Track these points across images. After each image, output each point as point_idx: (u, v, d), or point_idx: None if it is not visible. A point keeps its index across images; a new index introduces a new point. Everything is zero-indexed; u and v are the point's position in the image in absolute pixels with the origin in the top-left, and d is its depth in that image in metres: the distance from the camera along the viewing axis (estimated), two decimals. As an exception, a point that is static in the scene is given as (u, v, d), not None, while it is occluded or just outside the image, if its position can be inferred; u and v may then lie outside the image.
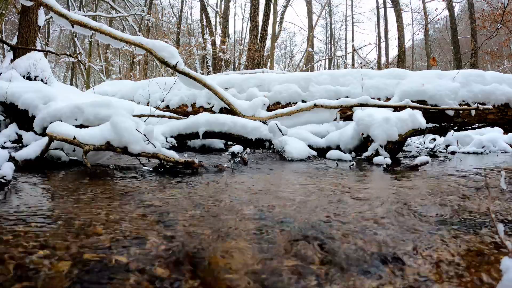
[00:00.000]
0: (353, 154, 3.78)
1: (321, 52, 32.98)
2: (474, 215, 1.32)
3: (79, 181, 1.81)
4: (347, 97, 4.83)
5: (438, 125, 4.57)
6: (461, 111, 4.43)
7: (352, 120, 4.03)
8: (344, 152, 3.68)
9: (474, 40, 15.14)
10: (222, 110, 5.15)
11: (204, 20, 19.28)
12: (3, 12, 5.62)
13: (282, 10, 20.13)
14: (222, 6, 20.81)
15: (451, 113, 4.47)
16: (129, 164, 2.49)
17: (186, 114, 5.10)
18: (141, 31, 18.18)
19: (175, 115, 4.61)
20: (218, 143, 4.36)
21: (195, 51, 18.38)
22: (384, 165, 2.82)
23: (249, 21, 14.74)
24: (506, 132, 4.93)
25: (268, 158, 3.34)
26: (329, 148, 3.95)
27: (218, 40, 18.63)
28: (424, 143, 6.27)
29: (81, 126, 3.18)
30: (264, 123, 4.17)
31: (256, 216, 1.20)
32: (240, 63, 21.08)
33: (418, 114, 3.76)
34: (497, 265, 0.84)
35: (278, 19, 19.39)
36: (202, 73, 17.68)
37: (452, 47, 16.83)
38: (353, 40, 30.63)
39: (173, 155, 2.23)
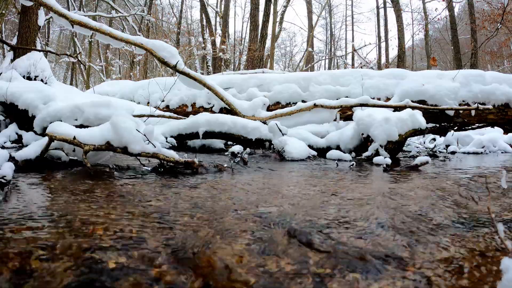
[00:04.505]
0: (353, 154, 3.77)
1: (321, 52, 32.97)
2: (474, 215, 1.32)
3: (79, 181, 1.81)
4: (347, 97, 4.83)
5: (438, 125, 4.57)
6: (461, 111, 4.43)
7: (352, 120, 4.03)
8: (344, 152, 3.68)
9: (474, 40, 15.14)
10: (222, 110, 5.15)
11: (204, 20, 19.29)
12: (3, 12, 5.62)
13: (282, 10, 20.11)
14: (222, 6, 20.81)
15: (451, 113, 4.47)
16: (129, 164, 2.49)
17: (186, 114, 5.10)
18: (141, 31, 18.17)
19: (175, 115, 4.61)
20: (218, 143, 4.36)
21: (195, 51, 18.38)
22: (384, 165, 2.82)
23: (249, 21, 14.74)
24: (506, 132, 4.92)
25: (268, 158, 3.34)
26: (329, 148, 3.95)
27: (218, 40, 18.63)
28: (424, 143, 6.26)
29: (81, 126, 3.18)
30: (264, 123, 4.17)
31: (256, 216, 1.20)
32: (240, 63, 21.08)
33: (418, 114, 3.76)
34: (497, 265, 0.84)
35: (278, 19, 19.38)
36: (202, 73, 17.68)
37: (452, 47, 16.83)
38: (353, 40, 30.66)
39: (173, 155, 2.23)
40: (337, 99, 4.33)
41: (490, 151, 5.20)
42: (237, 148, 3.71)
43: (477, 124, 4.71)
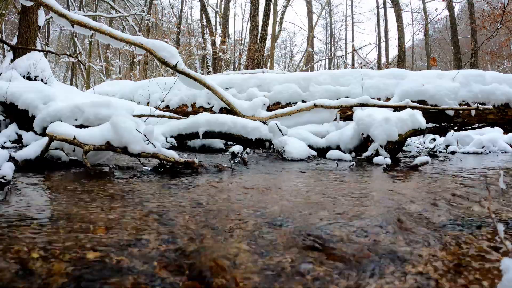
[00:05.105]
0: (353, 154, 3.77)
1: (321, 52, 32.96)
2: (474, 215, 1.32)
3: (79, 181, 1.81)
4: (347, 97, 4.83)
5: (438, 125, 4.57)
6: (461, 111, 4.43)
7: (352, 120, 4.03)
8: (344, 152, 3.68)
9: (474, 40, 15.14)
10: (222, 110, 5.15)
11: (204, 20, 19.29)
12: (3, 12, 5.63)
13: (282, 10, 20.11)
14: (222, 6, 20.82)
15: (451, 113, 4.47)
16: (129, 164, 2.49)
17: (186, 114, 5.10)
18: (141, 31, 18.17)
19: (175, 115, 4.61)
20: (218, 143, 4.36)
21: (195, 51, 18.38)
22: (384, 165, 2.82)
23: (249, 21, 14.74)
24: (506, 132, 4.92)
25: (268, 158, 3.34)
26: (329, 148, 3.95)
27: (218, 40, 18.64)
28: (424, 143, 6.26)
29: (81, 126, 3.18)
30: (264, 123, 4.16)
31: (256, 216, 1.20)
32: (240, 63, 21.09)
33: (418, 114, 3.76)
34: (497, 265, 0.84)
35: (278, 19, 19.37)
36: (202, 73, 17.67)
37: (452, 47, 16.83)
38: (353, 40, 30.67)
39: (173, 155, 2.23)
40: (337, 99, 4.32)
41: (490, 151, 5.21)
42: (237, 148, 3.71)
43: (477, 124, 4.71)
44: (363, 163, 3.22)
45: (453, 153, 4.91)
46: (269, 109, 4.99)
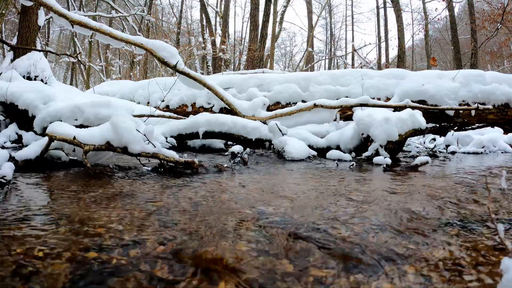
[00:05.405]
0: (353, 154, 3.77)
1: (321, 52, 32.97)
2: (474, 215, 1.32)
3: (79, 181, 1.81)
4: (347, 97, 4.84)
5: (438, 125, 4.57)
6: (461, 111, 4.43)
7: (352, 120, 4.03)
8: (344, 152, 3.68)
9: (474, 40, 15.14)
10: (222, 110, 5.15)
11: (204, 20, 19.29)
12: (3, 12, 5.63)
13: (282, 10, 20.11)
14: (222, 6, 20.81)
15: (451, 113, 4.47)
16: (129, 164, 2.49)
17: (186, 114, 5.10)
18: (141, 31, 18.17)
19: (175, 115, 4.61)
20: (218, 143, 4.36)
21: (195, 51, 18.38)
22: (384, 165, 2.82)
23: (249, 21, 14.73)
24: (506, 132, 4.93)
25: (268, 158, 3.34)
26: (329, 148, 3.95)
27: (218, 40, 18.64)
28: (424, 143, 6.26)
29: (81, 126, 3.18)
30: (264, 123, 4.17)
31: (256, 216, 1.20)
32: (240, 63, 21.09)
33: (418, 114, 3.76)
34: (497, 265, 0.84)
35: (278, 19, 19.37)
36: (202, 73, 17.69)
37: (452, 47, 16.82)
38: (353, 40, 30.67)
39: (173, 155, 2.23)
40: (337, 99, 4.33)
41: (490, 151, 5.20)
42: (237, 148, 3.71)
43: (477, 124, 4.71)
44: (363, 163, 3.22)
45: (453, 153, 4.91)
46: (269, 109, 5.00)
